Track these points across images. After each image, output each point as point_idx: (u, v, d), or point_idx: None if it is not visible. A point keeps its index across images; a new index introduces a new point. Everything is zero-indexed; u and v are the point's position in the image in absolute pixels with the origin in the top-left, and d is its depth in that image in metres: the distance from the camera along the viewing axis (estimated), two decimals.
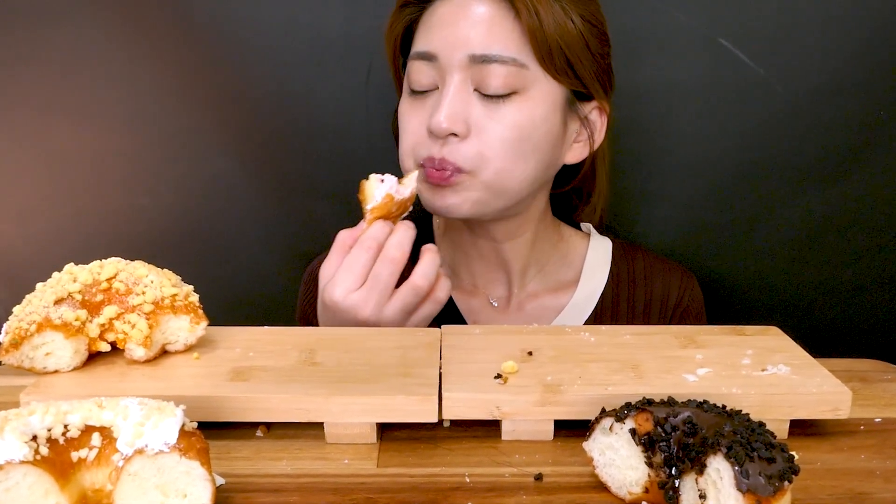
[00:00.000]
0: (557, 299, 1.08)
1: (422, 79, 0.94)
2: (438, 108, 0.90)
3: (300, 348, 0.78)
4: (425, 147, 0.93)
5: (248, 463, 0.67)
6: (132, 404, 0.58)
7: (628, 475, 0.61)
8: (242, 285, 1.26)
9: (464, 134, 0.91)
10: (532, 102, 0.92)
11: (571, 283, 1.09)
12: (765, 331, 0.84)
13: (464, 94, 0.91)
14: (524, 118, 0.92)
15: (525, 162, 0.93)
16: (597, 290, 1.07)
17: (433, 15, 0.94)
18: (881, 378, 0.85)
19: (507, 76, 0.90)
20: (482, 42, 0.90)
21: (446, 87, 0.91)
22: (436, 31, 0.92)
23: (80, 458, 0.56)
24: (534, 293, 1.08)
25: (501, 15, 0.90)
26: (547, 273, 1.09)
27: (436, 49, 0.92)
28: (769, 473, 0.52)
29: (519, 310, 1.07)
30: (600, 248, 1.10)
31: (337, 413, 0.69)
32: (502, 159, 0.92)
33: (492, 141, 0.91)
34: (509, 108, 0.91)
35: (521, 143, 0.92)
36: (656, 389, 0.69)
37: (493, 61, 0.90)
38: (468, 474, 0.65)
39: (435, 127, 0.90)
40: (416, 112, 0.95)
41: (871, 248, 1.22)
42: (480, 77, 0.91)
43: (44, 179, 1.17)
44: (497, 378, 0.72)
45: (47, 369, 0.72)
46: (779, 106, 1.11)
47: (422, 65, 0.93)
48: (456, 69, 0.91)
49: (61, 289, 0.73)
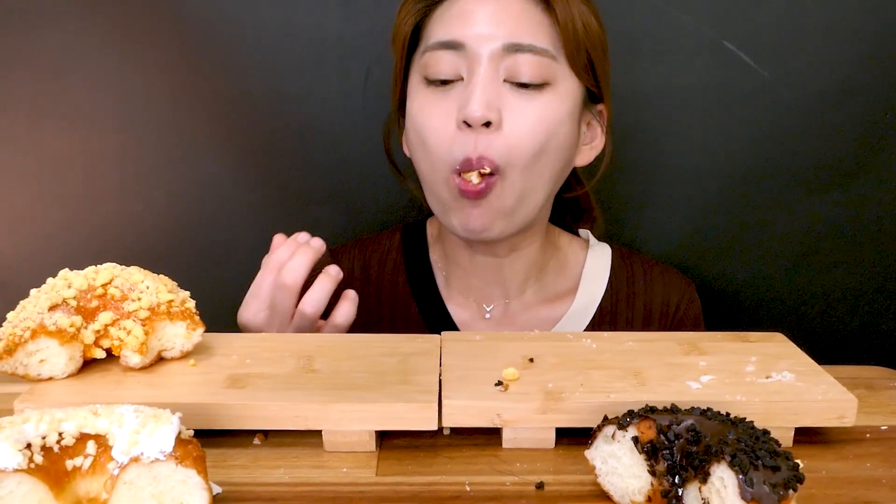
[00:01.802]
0: (554, 310, 1.06)
1: (445, 68, 0.91)
2: (471, 97, 0.88)
3: (298, 355, 0.78)
4: (458, 146, 0.90)
5: (246, 471, 0.67)
6: (128, 412, 0.58)
7: (631, 484, 0.61)
8: (239, 292, 1.25)
9: (496, 123, 0.89)
10: (559, 98, 0.92)
11: (569, 292, 1.07)
12: (769, 337, 0.83)
13: (496, 84, 0.90)
14: (552, 113, 0.91)
15: (543, 161, 0.92)
16: (595, 299, 1.07)
17: (452, 6, 0.92)
18: (887, 385, 0.85)
19: (538, 66, 0.89)
20: (513, 32, 0.89)
21: (476, 76, 0.89)
22: (460, 20, 0.91)
23: (74, 467, 0.56)
24: (530, 304, 1.07)
25: (530, 7, 0.90)
26: (544, 283, 1.07)
27: (462, 38, 0.90)
28: (774, 482, 0.52)
29: (512, 322, 1.06)
30: (599, 256, 1.09)
31: (335, 421, 0.68)
32: (527, 156, 0.90)
33: (522, 133, 0.89)
34: (540, 101, 0.90)
35: (547, 139, 0.91)
36: (659, 397, 0.69)
37: (526, 51, 0.89)
38: (469, 483, 0.65)
39: (470, 114, 0.87)
40: (437, 105, 0.92)
41: (877, 254, 1.22)
42: (512, 67, 0.89)
43: (36, 185, 1.16)
44: (498, 385, 0.71)
45: (42, 376, 0.72)
46: (784, 110, 1.11)
47: (444, 54, 0.91)
48: (486, 58, 0.89)
49: (56, 295, 0.73)
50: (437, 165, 0.92)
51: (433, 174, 0.94)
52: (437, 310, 1.05)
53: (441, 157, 0.92)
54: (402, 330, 1.02)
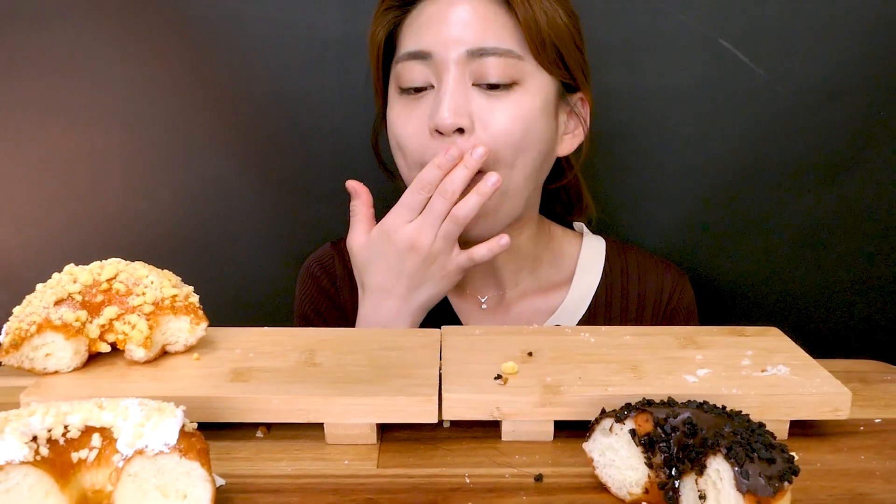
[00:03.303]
0: (549, 300, 1.07)
1: (416, 77, 0.93)
2: (440, 105, 0.89)
3: (300, 349, 0.78)
4: (431, 151, 0.91)
5: (249, 464, 0.67)
6: (132, 405, 0.58)
7: (628, 476, 0.61)
8: (242, 286, 1.26)
9: (469, 128, 0.90)
10: (530, 95, 0.92)
11: (564, 283, 1.09)
12: (765, 332, 0.84)
13: (463, 89, 0.91)
14: (525, 110, 0.92)
15: (525, 155, 0.93)
16: (590, 290, 1.08)
17: (420, 15, 0.93)
18: (881, 379, 0.86)
19: (505, 67, 0.90)
20: (478, 36, 0.90)
21: (444, 84, 0.91)
22: (426, 29, 0.92)
23: (80, 459, 0.56)
24: (525, 294, 1.08)
25: (493, 10, 0.91)
26: (539, 274, 1.08)
27: (429, 46, 0.91)
28: (769, 474, 0.52)
29: (508, 312, 1.07)
30: (594, 248, 1.10)
31: (337, 414, 0.69)
32: (504, 156, 0.92)
33: (497, 133, 0.91)
34: (510, 101, 0.91)
35: (524, 136, 0.92)
36: (656, 390, 0.69)
37: (490, 54, 0.90)
38: (468, 475, 0.65)
39: (440, 123, 0.89)
40: (412, 113, 0.94)
41: (871, 250, 1.22)
42: (479, 70, 0.90)
43: (42, 182, 1.17)
44: (497, 379, 0.72)
45: (47, 370, 0.72)
46: (780, 107, 1.11)
47: (414, 64, 0.93)
48: (453, 65, 0.90)
49: (61, 289, 0.73)
50: (414, 172, 0.94)
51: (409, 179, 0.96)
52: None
53: (417, 162, 0.94)
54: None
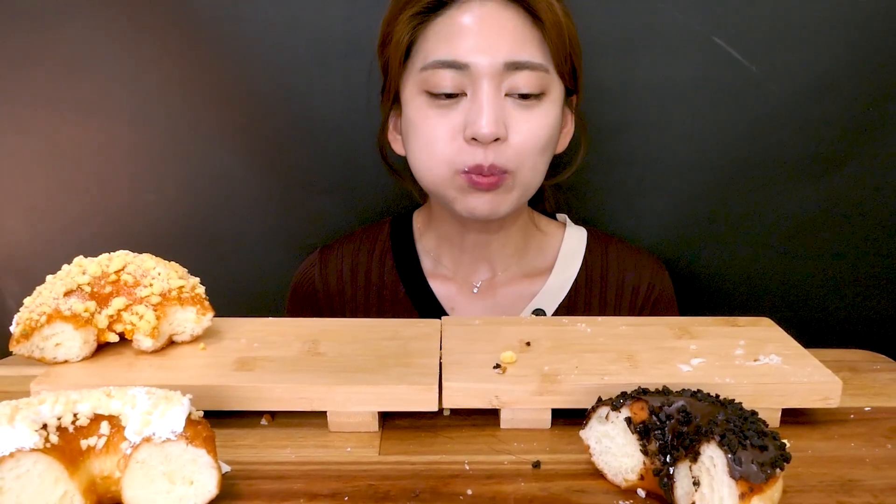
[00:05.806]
0: (532, 286, 1.10)
1: (447, 84, 0.94)
2: (479, 115, 0.91)
3: (304, 339, 0.79)
4: (468, 155, 0.93)
5: (253, 451, 0.68)
6: (140, 393, 0.59)
7: (624, 462, 0.62)
8: (247, 278, 1.27)
9: (504, 137, 0.93)
10: (554, 104, 0.96)
11: (546, 269, 1.11)
12: (757, 322, 0.85)
13: (499, 100, 0.93)
14: (550, 119, 0.95)
15: (543, 158, 0.97)
16: (570, 278, 1.10)
17: (452, 23, 0.94)
18: (870, 368, 0.86)
19: (536, 80, 0.93)
20: (513, 49, 0.92)
21: (481, 94, 0.92)
22: (459, 39, 0.93)
23: (89, 446, 0.57)
24: (512, 279, 1.11)
25: (525, 23, 0.93)
26: (526, 261, 1.11)
27: (464, 57, 0.92)
28: (761, 461, 0.53)
29: (493, 295, 1.10)
30: (575, 237, 1.13)
31: (340, 402, 0.70)
32: (533, 158, 0.95)
33: (527, 141, 0.94)
34: (539, 110, 0.94)
35: (548, 141, 0.96)
36: (651, 379, 0.70)
37: (524, 67, 0.92)
38: (468, 462, 0.66)
39: (479, 132, 0.91)
40: (442, 119, 0.95)
41: (861, 242, 1.22)
42: (513, 82, 0.93)
43: (52, 176, 1.17)
44: (496, 368, 0.73)
45: (57, 359, 0.73)
46: (772, 103, 1.11)
47: (446, 72, 0.93)
48: (489, 76, 0.92)
49: (71, 281, 0.74)
50: (442, 169, 0.96)
51: (436, 176, 0.97)
52: (422, 289, 1.09)
53: (447, 163, 0.95)
54: (390, 306, 1.08)
